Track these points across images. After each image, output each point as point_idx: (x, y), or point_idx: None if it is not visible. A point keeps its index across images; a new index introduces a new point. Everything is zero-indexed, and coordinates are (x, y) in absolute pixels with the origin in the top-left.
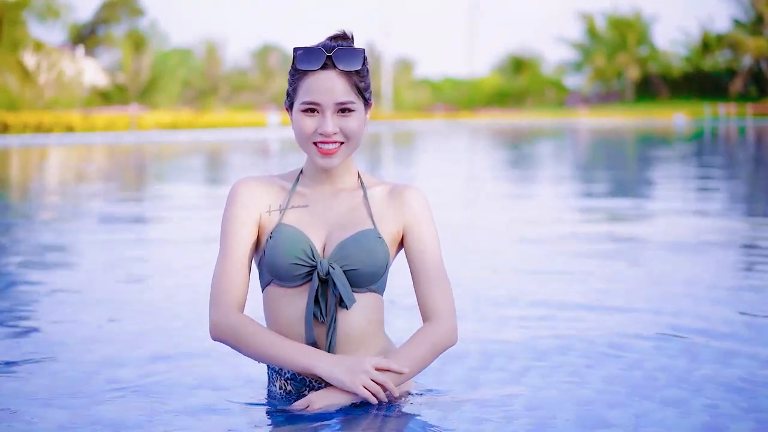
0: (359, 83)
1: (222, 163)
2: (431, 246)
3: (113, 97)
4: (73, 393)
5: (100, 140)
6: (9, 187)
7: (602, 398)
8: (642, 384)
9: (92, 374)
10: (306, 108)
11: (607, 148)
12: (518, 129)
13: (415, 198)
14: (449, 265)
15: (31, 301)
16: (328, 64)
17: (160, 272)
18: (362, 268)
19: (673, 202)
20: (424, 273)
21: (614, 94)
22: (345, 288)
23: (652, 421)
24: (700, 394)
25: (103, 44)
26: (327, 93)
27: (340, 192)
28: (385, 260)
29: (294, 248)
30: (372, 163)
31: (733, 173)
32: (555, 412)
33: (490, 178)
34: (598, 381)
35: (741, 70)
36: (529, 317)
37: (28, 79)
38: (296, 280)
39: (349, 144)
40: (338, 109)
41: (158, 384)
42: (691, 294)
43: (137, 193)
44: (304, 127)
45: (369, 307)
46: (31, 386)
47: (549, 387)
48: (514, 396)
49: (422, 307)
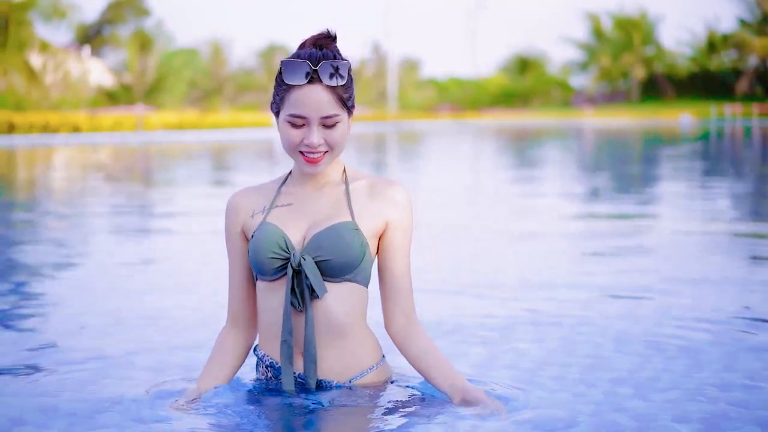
0: (343, 94)
1: (227, 165)
2: (406, 244)
3: (119, 98)
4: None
5: (107, 140)
6: (20, 187)
7: (609, 400)
8: (646, 384)
9: (95, 370)
10: (292, 120)
11: (614, 148)
12: (524, 129)
13: (399, 194)
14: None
15: (40, 304)
16: (314, 77)
17: (163, 276)
18: (334, 259)
19: (680, 202)
20: (398, 269)
21: (620, 94)
22: (315, 277)
23: (656, 423)
24: (702, 393)
25: (109, 44)
26: (313, 107)
27: (324, 187)
28: (360, 251)
29: (270, 243)
30: (378, 164)
31: (740, 173)
32: (560, 412)
33: (505, 182)
34: (604, 382)
35: (747, 70)
36: (538, 318)
37: (34, 79)
38: (276, 273)
39: (333, 152)
40: (323, 123)
41: (159, 365)
42: (697, 293)
43: (150, 195)
44: (290, 137)
45: (347, 298)
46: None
47: (554, 387)
48: (521, 394)
49: (387, 300)
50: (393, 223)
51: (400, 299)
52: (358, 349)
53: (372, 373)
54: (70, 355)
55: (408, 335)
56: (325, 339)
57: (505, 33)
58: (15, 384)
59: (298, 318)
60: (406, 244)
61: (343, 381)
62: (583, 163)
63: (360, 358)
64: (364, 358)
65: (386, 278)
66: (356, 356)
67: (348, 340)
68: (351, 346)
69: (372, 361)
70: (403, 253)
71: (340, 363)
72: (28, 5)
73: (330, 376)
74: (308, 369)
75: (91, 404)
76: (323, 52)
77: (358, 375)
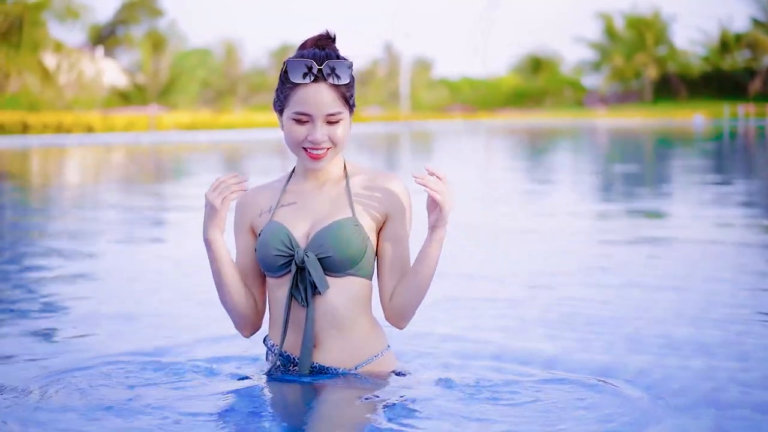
0: (346, 93)
1: (241, 164)
2: (405, 235)
3: (133, 98)
4: None
5: (120, 140)
6: (34, 187)
7: (609, 400)
8: (658, 385)
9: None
10: (297, 117)
11: (627, 149)
12: (536, 129)
13: (396, 187)
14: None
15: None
16: (318, 77)
17: (174, 272)
18: (336, 255)
19: (694, 202)
20: (398, 262)
21: (632, 93)
22: (318, 273)
23: (662, 424)
24: (714, 399)
25: (123, 45)
26: (317, 105)
27: (325, 184)
28: (361, 246)
29: (275, 240)
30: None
31: (754, 173)
32: (566, 413)
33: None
34: (609, 385)
35: (760, 70)
36: (549, 317)
37: (48, 79)
38: (281, 270)
39: (336, 148)
40: (327, 120)
41: (175, 361)
42: (710, 295)
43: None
44: (295, 134)
45: (350, 291)
46: None
47: (560, 388)
48: (530, 395)
49: (386, 293)
50: (392, 215)
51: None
52: (362, 339)
53: (377, 360)
54: (88, 354)
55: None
56: (330, 331)
57: (517, 33)
58: (28, 385)
59: (303, 311)
60: (405, 235)
61: (348, 369)
62: (597, 162)
63: (364, 347)
64: (369, 346)
65: (383, 267)
66: (360, 345)
67: (352, 331)
68: (355, 337)
69: (376, 349)
70: (404, 244)
71: (344, 353)
72: (42, 6)
73: (335, 364)
74: (303, 356)
75: (107, 403)
76: (326, 52)
77: (363, 362)
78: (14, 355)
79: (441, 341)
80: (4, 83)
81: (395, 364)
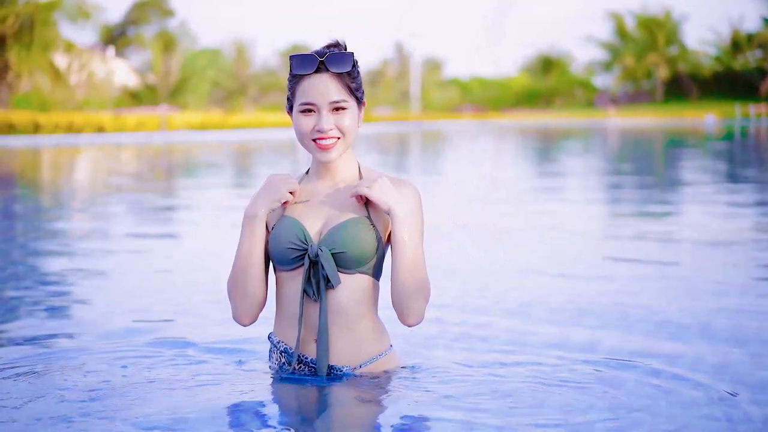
0: (350, 83)
1: (252, 164)
2: (415, 238)
3: (143, 98)
4: None
5: (131, 140)
6: (45, 186)
7: (610, 402)
8: (670, 387)
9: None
10: (304, 109)
11: (639, 149)
12: (547, 129)
13: (408, 192)
14: None
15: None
16: (321, 68)
17: (183, 267)
18: (349, 252)
19: (705, 203)
20: (403, 262)
21: (644, 93)
22: (331, 268)
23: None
24: (722, 402)
25: (134, 45)
26: (321, 94)
27: (340, 184)
28: (373, 245)
29: (289, 233)
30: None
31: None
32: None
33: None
34: (611, 387)
35: None
36: (556, 317)
37: (59, 79)
38: (293, 263)
39: (345, 139)
40: (333, 108)
41: (178, 357)
42: (720, 297)
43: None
44: (302, 125)
45: (358, 289)
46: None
47: (565, 389)
48: (536, 398)
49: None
50: (401, 218)
51: None
52: (366, 338)
53: (380, 360)
54: (100, 350)
55: None
56: (336, 327)
57: (529, 33)
58: (40, 382)
59: (313, 307)
60: (415, 238)
61: (352, 366)
62: (609, 162)
63: (368, 346)
64: (372, 346)
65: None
66: (365, 344)
67: (357, 328)
68: (360, 335)
69: (380, 348)
70: (411, 246)
71: (349, 350)
72: (53, 6)
73: (339, 362)
74: (321, 356)
75: (116, 400)
76: (330, 50)
77: (366, 361)
78: (29, 345)
79: (450, 340)
80: (16, 83)
81: (398, 363)
